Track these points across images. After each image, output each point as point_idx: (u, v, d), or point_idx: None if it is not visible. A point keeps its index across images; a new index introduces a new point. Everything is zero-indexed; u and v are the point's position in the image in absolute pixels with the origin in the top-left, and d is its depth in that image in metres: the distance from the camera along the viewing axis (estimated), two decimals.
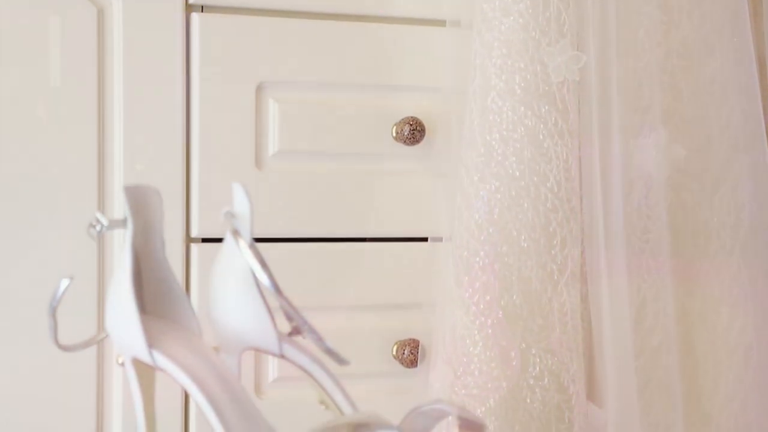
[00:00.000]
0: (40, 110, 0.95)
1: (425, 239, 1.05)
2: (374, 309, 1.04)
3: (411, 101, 1.05)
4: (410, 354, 1.03)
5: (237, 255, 0.65)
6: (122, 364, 0.67)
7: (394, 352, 1.04)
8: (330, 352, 0.65)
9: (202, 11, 0.99)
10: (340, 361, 0.66)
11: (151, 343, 0.64)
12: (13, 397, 0.94)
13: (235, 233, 0.65)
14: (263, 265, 0.64)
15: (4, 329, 0.94)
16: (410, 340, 1.04)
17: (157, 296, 0.68)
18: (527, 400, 0.97)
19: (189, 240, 0.99)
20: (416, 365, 1.03)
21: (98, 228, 0.64)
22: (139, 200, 0.65)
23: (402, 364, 1.03)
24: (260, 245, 0.66)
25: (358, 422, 0.57)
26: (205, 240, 0.99)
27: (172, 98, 0.98)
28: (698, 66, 1.06)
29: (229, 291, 0.66)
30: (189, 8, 0.99)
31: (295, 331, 0.68)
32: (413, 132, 1.02)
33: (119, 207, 0.97)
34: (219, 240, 0.98)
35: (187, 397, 0.98)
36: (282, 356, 0.68)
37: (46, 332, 0.66)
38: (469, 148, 0.99)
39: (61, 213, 0.95)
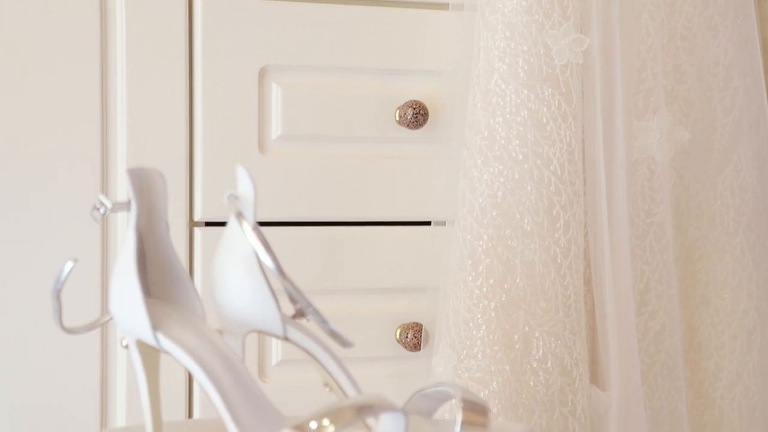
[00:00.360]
0: (42, 93, 0.95)
1: (428, 223, 1.05)
2: (377, 293, 1.04)
3: (414, 85, 1.04)
4: (413, 337, 1.03)
5: (241, 237, 0.65)
6: (126, 347, 0.67)
7: (398, 336, 1.04)
8: (334, 335, 0.65)
9: None
10: (345, 343, 0.66)
11: (156, 325, 0.64)
12: (18, 379, 0.95)
13: (239, 215, 0.65)
14: (267, 247, 0.64)
15: (9, 312, 0.94)
16: (413, 323, 1.04)
17: (161, 279, 0.68)
18: (530, 383, 0.97)
19: (192, 224, 0.99)
20: (419, 349, 1.03)
21: (102, 211, 0.64)
22: (143, 182, 0.65)
23: (405, 347, 1.03)
24: (263, 229, 0.66)
25: (363, 404, 0.57)
26: (208, 224, 0.99)
27: (176, 82, 0.98)
28: (702, 48, 1.06)
29: (233, 273, 0.66)
30: None
31: (299, 314, 0.68)
32: (416, 115, 1.02)
33: (123, 191, 0.97)
34: (222, 224, 0.98)
35: (191, 379, 0.98)
36: (286, 339, 0.68)
37: (50, 315, 0.66)
38: (473, 131, 0.99)
39: (65, 197, 0.95)
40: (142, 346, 0.66)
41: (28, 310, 0.94)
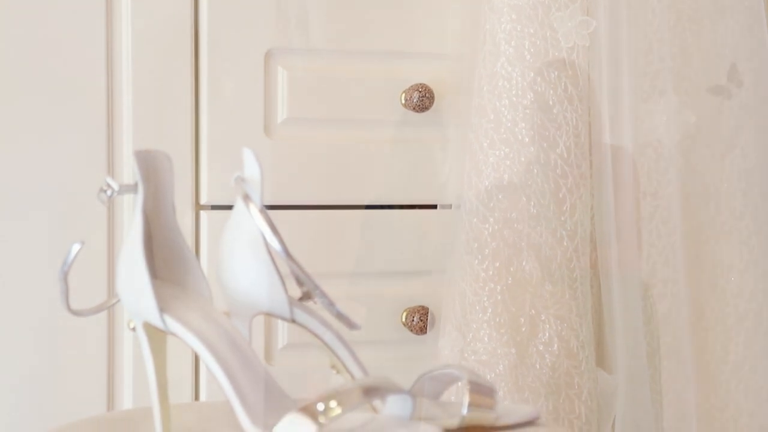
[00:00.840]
0: (47, 79, 0.94)
1: (434, 206, 1.05)
2: (383, 276, 1.04)
3: (420, 68, 1.04)
4: (419, 321, 1.03)
5: (248, 220, 0.65)
6: (133, 329, 0.67)
7: (404, 319, 1.04)
8: (341, 317, 0.66)
9: None
10: (351, 325, 0.66)
11: (163, 307, 0.64)
12: (25, 361, 0.95)
13: (246, 198, 0.65)
14: (274, 229, 0.64)
15: (17, 296, 0.94)
16: (419, 307, 1.04)
17: (168, 261, 0.68)
18: (537, 366, 0.97)
19: (198, 207, 0.99)
20: (425, 332, 1.03)
21: (109, 193, 0.64)
22: (150, 165, 0.65)
23: (411, 331, 1.03)
24: (269, 212, 0.66)
25: (370, 386, 0.58)
26: (214, 207, 1.00)
27: (181, 65, 0.98)
28: (709, 30, 1.05)
29: (240, 255, 0.66)
30: None
31: (306, 296, 0.68)
32: (422, 99, 1.02)
33: (129, 175, 0.97)
34: (228, 207, 0.98)
35: (198, 361, 0.98)
36: (293, 321, 0.68)
37: (57, 297, 0.66)
38: (479, 114, 0.98)
39: (71, 183, 0.95)
40: (149, 328, 0.66)
41: (36, 294, 0.95)
